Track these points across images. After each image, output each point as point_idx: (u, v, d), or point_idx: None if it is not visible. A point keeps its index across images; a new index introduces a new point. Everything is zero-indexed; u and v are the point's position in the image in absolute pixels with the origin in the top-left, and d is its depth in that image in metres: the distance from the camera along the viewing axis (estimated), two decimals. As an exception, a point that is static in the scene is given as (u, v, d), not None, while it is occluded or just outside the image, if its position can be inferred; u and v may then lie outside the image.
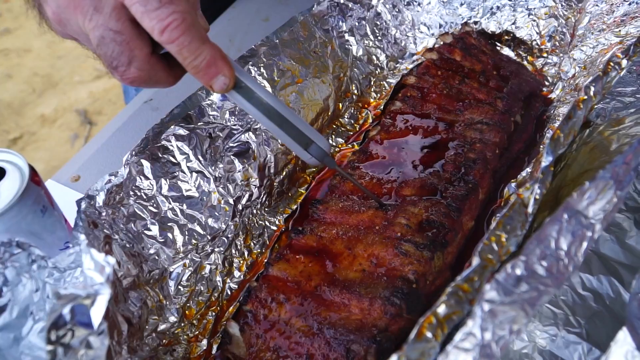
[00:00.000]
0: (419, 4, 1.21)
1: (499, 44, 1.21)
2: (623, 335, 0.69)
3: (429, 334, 0.50)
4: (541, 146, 0.98)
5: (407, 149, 0.99)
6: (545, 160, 0.62)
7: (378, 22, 1.16)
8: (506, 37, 1.19)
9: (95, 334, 0.55)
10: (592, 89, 0.72)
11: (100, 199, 0.75)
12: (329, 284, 0.79)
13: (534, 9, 1.16)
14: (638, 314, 0.71)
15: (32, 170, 0.70)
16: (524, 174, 0.88)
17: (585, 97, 0.71)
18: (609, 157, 0.77)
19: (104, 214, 0.75)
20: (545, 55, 1.16)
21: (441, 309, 0.51)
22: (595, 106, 0.93)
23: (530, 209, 0.60)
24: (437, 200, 0.88)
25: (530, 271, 0.51)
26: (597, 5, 1.12)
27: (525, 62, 1.18)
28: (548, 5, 1.15)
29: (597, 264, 0.80)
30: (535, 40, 1.16)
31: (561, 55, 1.14)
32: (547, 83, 1.14)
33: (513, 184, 0.90)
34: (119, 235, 0.75)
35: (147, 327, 0.75)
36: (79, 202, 0.72)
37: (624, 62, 0.80)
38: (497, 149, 0.96)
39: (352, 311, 0.76)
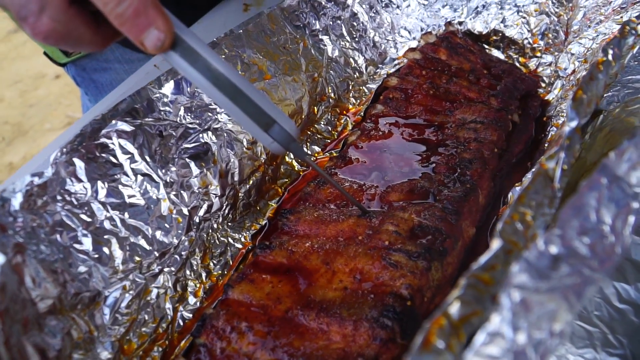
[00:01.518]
0: (397, 7, 1.12)
1: (486, 46, 1.10)
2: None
3: (439, 343, 0.35)
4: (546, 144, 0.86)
5: (392, 153, 0.86)
6: (570, 123, 0.49)
7: (355, 23, 1.05)
8: (494, 37, 1.09)
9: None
10: (611, 51, 0.61)
11: (16, 202, 0.60)
12: (303, 306, 0.64)
13: (523, 6, 1.07)
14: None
15: None
16: (529, 175, 0.76)
17: (604, 58, 0.59)
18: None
19: (20, 220, 0.59)
20: (538, 54, 1.06)
21: (454, 308, 0.36)
22: (605, 95, 0.82)
23: (557, 183, 0.47)
24: (431, 203, 0.75)
25: (569, 249, 0.37)
26: (590, -1, 1.03)
27: (517, 64, 1.08)
28: (538, 2, 1.06)
29: (632, 271, 0.67)
30: (527, 38, 1.06)
31: (556, 53, 1.04)
32: (543, 84, 1.03)
33: (518, 188, 0.77)
34: (38, 248, 0.59)
35: (69, 364, 0.58)
36: (-15, 204, 0.57)
37: (640, 28, 0.69)
38: (495, 148, 0.84)
39: (332, 339, 0.61)
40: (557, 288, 0.36)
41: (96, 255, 0.65)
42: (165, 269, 0.71)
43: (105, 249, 0.66)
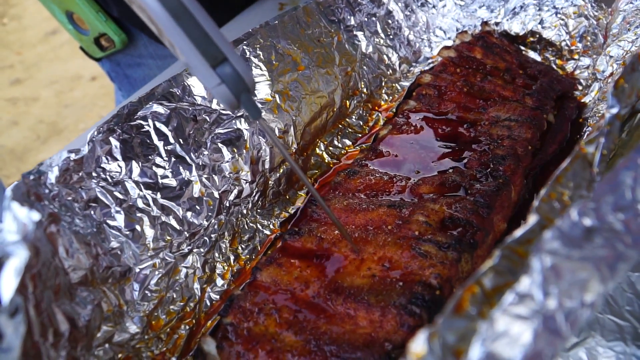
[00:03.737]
0: (433, 6, 1.11)
1: (523, 48, 1.09)
2: None
3: (472, 310, 0.34)
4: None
5: (423, 148, 0.86)
6: (611, 110, 0.48)
7: (389, 21, 1.05)
8: (531, 39, 1.07)
9: (5, 313, 0.40)
10: (654, 44, 0.59)
11: (52, 176, 0.61)
12: (330, 291, 0.64)
13: (562, 8, 1.05)
14: None
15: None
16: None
17: (648, 51, 0.57)
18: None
19: (55, 192, 0.61)
20: (576, 57, 1.04)
21: (489, 278, 0.36)
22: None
23: (596, 167, 0.46)
24: (462, 196, 0.74)
25: (604, 222, 0.36)
26: (631, 3, 1.01)
27: (553, 66, 1.06)
28: (577, 4, 1.05)
29: (663, 266, 0.64)
30: (564, 40, 1.04)
31: (594, 56, 1.02)
32: (580, 87, 1.01)
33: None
34: (72, 220, 0.61)
35: (98, 335, 0.59)
36: (25, 175, 0.59)
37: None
38: (529, 146, 0.82)
39: (359, 324, 0.60)
40: (589, 258, 0.35)
41: (128, 232, 0.66)
42: (195, 250, 0.71)
43: (137, 227, 0.67)
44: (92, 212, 0.64)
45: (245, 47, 0.81)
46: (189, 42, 0.48)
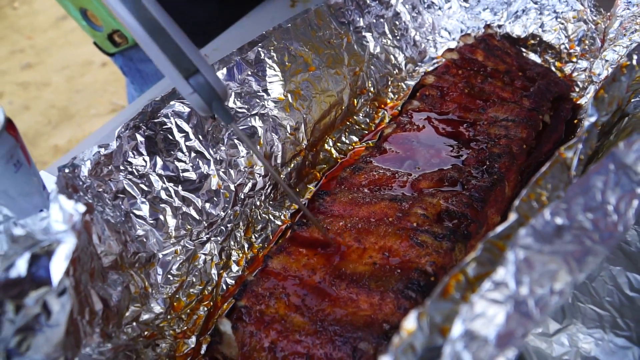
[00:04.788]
0: (439, 8, 1.16)
1: (524, 50, 1.14)
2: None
3: (456, 294, 0.40)
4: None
5: (425, 146, 0.92)
6: (590, 118, 0.54)
7: (397, 22, 1.10)
8: (532, 42, 1.12)
9: (54, 293, 0.46)
10: (635, 57, 0.65)
11: (85, 169, 0.67)
12: (335, 277, 0.70)
13: (562, 12, 1.10)
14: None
15: (9, 122, 0.63)
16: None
17: (628, 62, 0.63)
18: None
19: (88, 184, 0.67)
20: (574, 60, 1.09)
21: (472, 267, 0.42)
22: (633, 99, 0.85)
23: (573, 171, 0.51)
24: (458, 191, 0.80)
25: (573, 221, 0.42)
26: (628, 9, 1.06)
27: (552, 68, 1.11)
28: (576, 9, 1.10)
29: (645, 262, 0.70)
30: (563, 43, 1.09)
31: (591, 59, 1.07)
32: (577, 89, 1.06)
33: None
34: (103, 209, 0.67)
35: (127, 314, 0.66)
36: (61, 168, 0.65)
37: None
38: (524, 145, 0.88)
39: (360, 306, 0.66)
40: (559, 252, 0.41)
41: (152, 221, 0.73)
42: (212, 238, 0.78)
43: (161, 216, 0.73)
44: (121, 203, 0.71)
45: (260, 49, 0.87)
46: (163, 56, 0.54)
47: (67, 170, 0.65)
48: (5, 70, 4.11)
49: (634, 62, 0.65)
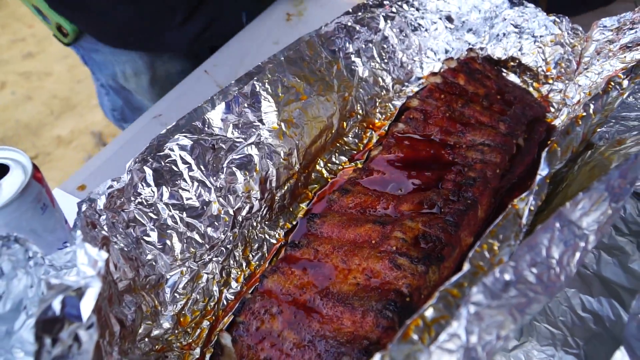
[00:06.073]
0: (426, 30, 1.24)
1: (505, 70, 1.22)
2: (620, 355, 0.67)
3: (415, 336, 0.49)
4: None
5: (408, 168, 1.00)
6: (542, 172, 0.62)
7: (385, 46, 1.18)
8: (512, 64, 1.20)
9: (84, 327, 0.55)
10: (592, 106, 0.73)
11: (101, 203, 0.76)
12: (323, 296, 0.79)
13: (540, 36, 1.17)
14: (636, 334, 0.70)
15: (35, 168, 0.71)
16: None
17: (584, 114, 0.71)
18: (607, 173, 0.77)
19: (103, 217, 0.76)
20: (550, 81, 1.17)
21: (429, 312, 0.51)
22: (599, 129, 0.93)
23: (524, 220, 0.60)
24: (436, 215, 0.88)
25: (520, 277, 0.51)
26: (603, 34, 1.14)
27: (530, 89, 1.19)
28: (554, 33, 1.17)
29: (598, 286, 0.79)
30: (540, 66, 1.17)
31: (567, 82, 1.15)
32: (552, 109, 1.14)
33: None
34: (117, 239, 0.76)
35: (140, 331, 0.75)
36: (80, 204, 0.73)
37: (625, 83, 0.81)
38: (497, 169, 0.96)
39: (344, 323, 0.75)
40: (505, 305, 0.49)
41: (160, 246, 0.82)
42: (214, 259, 0.87)
43: (168, 241, 0.82)
44: (132, 231, 0.79)
45: (255, 82, 0.95)
46: None
47: (84, 207, 0.73)
48: (7, 60, 4.15)
49: (591, 111, 0.73)
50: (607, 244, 0.85)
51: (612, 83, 0.77)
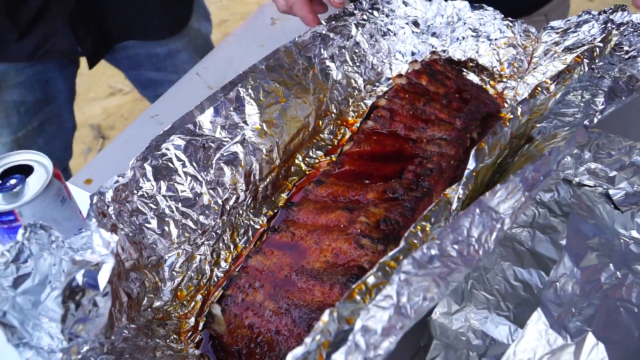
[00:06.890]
0: (394, 34, 1.37)
1: (465, 70, 1.36)
2: (537, 315, 0.83)
3: (358, 297, 0.64)
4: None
5: (376, 161, 1.14)
6: (470, 166, 0.77)
7: (357, 50, 1.31)
8: (470, 64, 1.34)
9: (101, 295, 0.70)
10: (519, 109, 0.87)
11: (109, 196, 0.90)
12: (298, 272, 0.93)
13: (495, 39, 1.31)
14: (553, 298, 0.85)
15: (55, 167, 0.86)
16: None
17: (512, 116, 0.85)
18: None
19: (111, 207, 0.90)
20: (504, 80, 1.31)
21: (370, 279, 0.65)
22: (538, 125, 1.07)
23: (453, 206, 0.75)
24: (397, 202, 1.03)
25: (443, 251, 0.65)
26: (550, 35, 1.28)
27: (487, 86, 1.33)
28: (507, 36, 1.31)
29: (530, 260, 0.93)
30: (495, 67, 1.31)
31: (518, 80, 1.29)
32: (506, 105, 1.29)
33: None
34: (123, 226, 0.90)
35: (144, 302, 0.89)
36: (92, 197, 0.88)
37: (552, 87, 0.95)
38: (452, 160, 1.11)
39: (315, 295, 0.90)
40: (430, 274, 0.63)
41: (159, 232, 0.96)
42: (206, 242, 1.01)
43: (166, 228, 0.97)
44: (135, 219, 0.94)
45: (240, 88, 1.09)
46: None
47: (95, 199, 0.87)
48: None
49: (519, 113, 0.87)
50: (542, 223, 0.99)
51: (539, 88, 0.91)
